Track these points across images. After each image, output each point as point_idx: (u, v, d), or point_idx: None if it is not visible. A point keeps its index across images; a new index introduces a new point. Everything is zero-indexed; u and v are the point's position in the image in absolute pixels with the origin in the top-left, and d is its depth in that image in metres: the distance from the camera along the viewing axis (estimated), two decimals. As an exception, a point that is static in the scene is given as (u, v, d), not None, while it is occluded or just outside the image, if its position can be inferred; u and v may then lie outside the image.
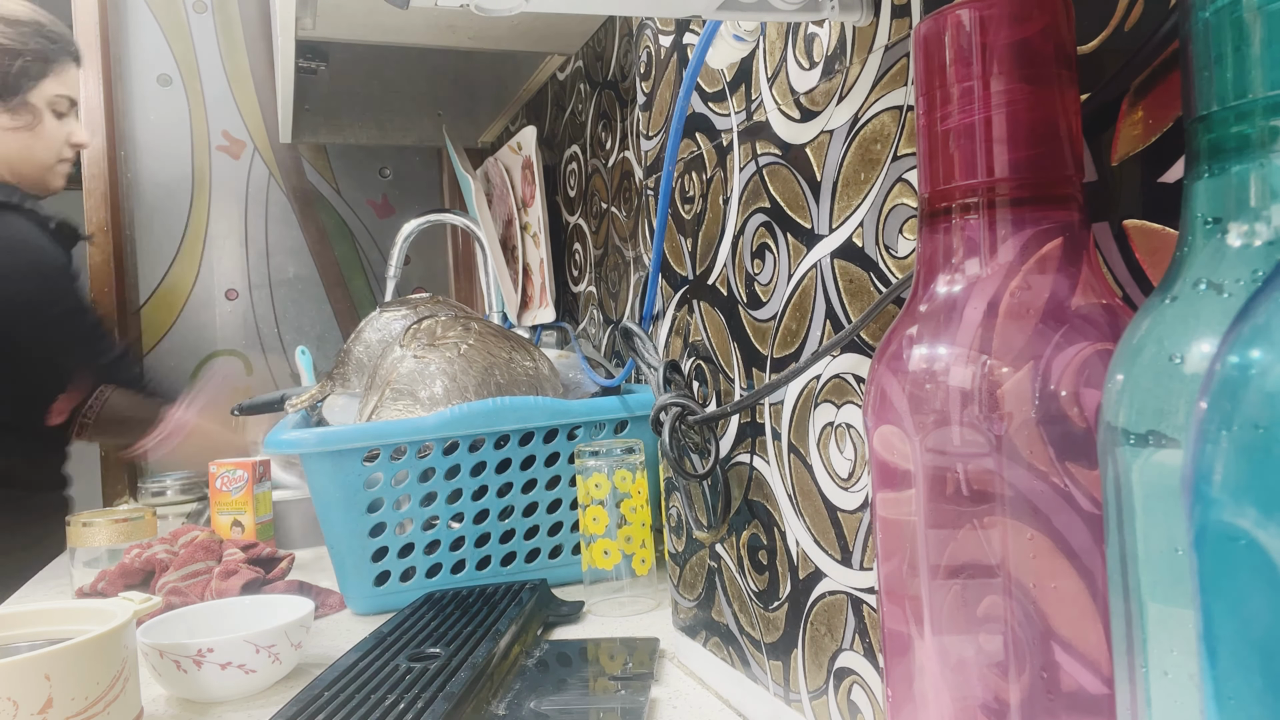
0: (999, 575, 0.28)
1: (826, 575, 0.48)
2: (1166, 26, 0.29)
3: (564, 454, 0.93)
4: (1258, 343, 0.18)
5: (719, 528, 0.60)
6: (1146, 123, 0.30)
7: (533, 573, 0.93)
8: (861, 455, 0.44)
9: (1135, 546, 0.23)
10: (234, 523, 1.15)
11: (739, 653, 0.58)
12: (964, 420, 0.28)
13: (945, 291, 0.30)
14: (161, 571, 0.95)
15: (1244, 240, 0.21)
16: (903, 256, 0.41)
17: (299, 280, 2.11)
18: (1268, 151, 0.21)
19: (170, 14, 2.03)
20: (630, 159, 1.18)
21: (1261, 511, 0.17)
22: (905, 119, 0.41)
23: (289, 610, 0.73)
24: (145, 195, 2.00)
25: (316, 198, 2.14)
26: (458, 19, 1.26)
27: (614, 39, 1.24)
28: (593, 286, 1.36)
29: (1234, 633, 0.18)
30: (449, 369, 0.93)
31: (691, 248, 0.63)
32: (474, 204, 1.57)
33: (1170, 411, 0.22)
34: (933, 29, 0.30)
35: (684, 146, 0.63)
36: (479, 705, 0.59)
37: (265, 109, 2.09)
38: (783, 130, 0.50)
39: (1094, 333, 0.27)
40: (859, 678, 0.45)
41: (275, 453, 0.87)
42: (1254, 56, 0.21)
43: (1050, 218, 0.29)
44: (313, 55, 1.50)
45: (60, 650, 0.54)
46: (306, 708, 0.57)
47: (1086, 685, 0.27)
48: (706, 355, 0.61)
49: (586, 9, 0.41)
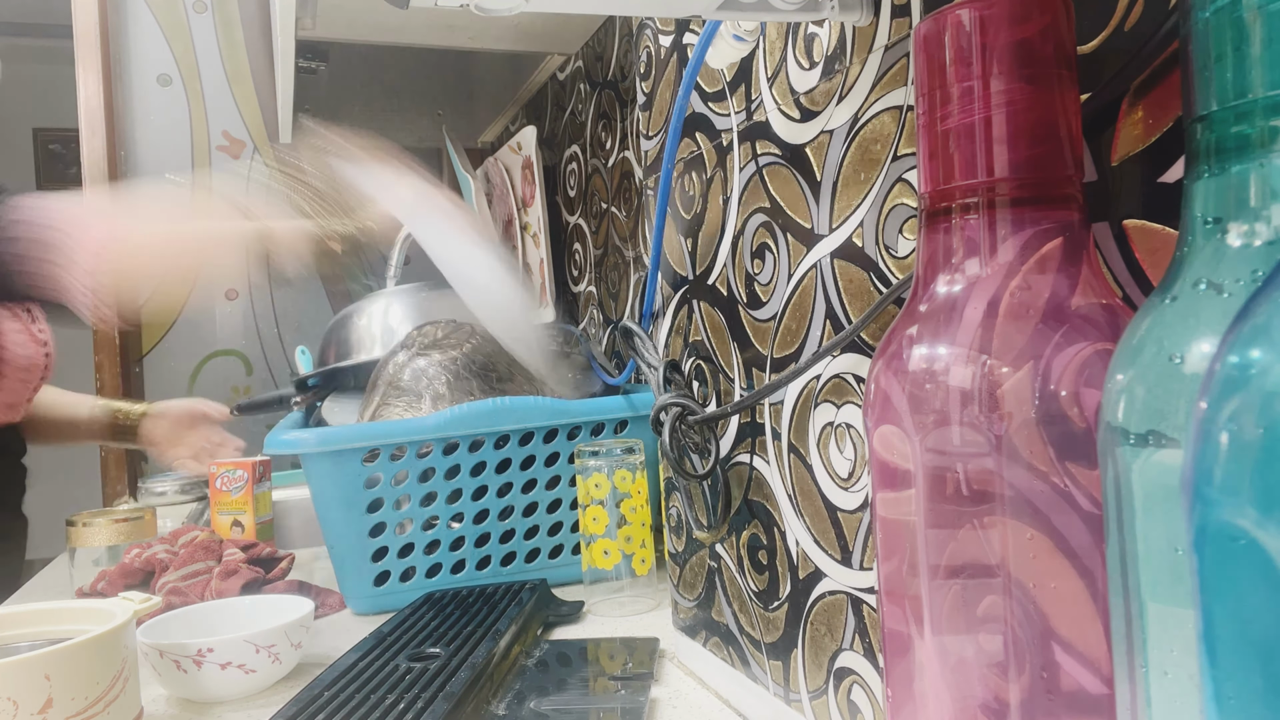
0: (999, 575, 0.28)
1: (826, 575, 0.48)
2: (1166, 26, 0.29)
3: (564, 454, 0.93)
4: (1258, 342, 0.18)
5: (719, 528, 0.60)
6: (1146, 123, 0.30)
7: (533, 573, 0.93)
8: (861, 455, 0.44)
9: (1135, 546, 0.23)
10: (234, 523, 1.15)
11: (739, 653, 0.58)
12: (964, 420, 0.28)
13: (945, 291, 0.30)
14: (161, 571, 0.95)
15: (1244, 240, 0.21)
16: (903, 256, 0.41)
17: (299, 280, 2.10)
18: (1268, 151, 0.21)
19: (170, 14, 2.03)
20: (630, 159, 1.19)
21: (1261, 511, 0.17)
22: (905, 119, 0.41)
23: (289, 610, 0.73)
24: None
25: (316, 197, 2.14)
26: (458, 19, 1.26)
27: (614, 39, 1.24)
28: (593, 286, 1.36)
29: (1234, 633, 0.18)
30: (451, 367, 0.93)
31: (691, 248, 0.63)
32: (474, 204, 1.57)
33: (1170, 411, 0.22)
34: (933, 29, 0.30)
35: (684, 146, 0.63)
36: (479, 705, 0.59)
37: (265, 109, 2.09)
38: (783, 130, 0.50)
39: (1094, 333, 0.27)
40: (859, 678, 0.45)
41: (275, 453, 0.87)
42: (1254, 56, 0.21)
43: (1050, 218, 0.29)
44: (313, 55, 1.50)
45: (60, 650, 0.54)
46: (306, 708, 0.57)
47: (1086, 685, 0.27)
48: (706, 355, 0.61)
49: (586, 9, 0.41)
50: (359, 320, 1.17)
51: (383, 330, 1.14)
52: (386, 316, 1.16)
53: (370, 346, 1.14)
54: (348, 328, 1.17)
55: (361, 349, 1.14)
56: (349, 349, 1.15)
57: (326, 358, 1.18)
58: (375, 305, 1.18)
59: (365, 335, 1.15)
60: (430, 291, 1.18)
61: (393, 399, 0.92)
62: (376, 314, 1.17)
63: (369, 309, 1.18)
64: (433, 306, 1.13)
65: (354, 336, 1.16)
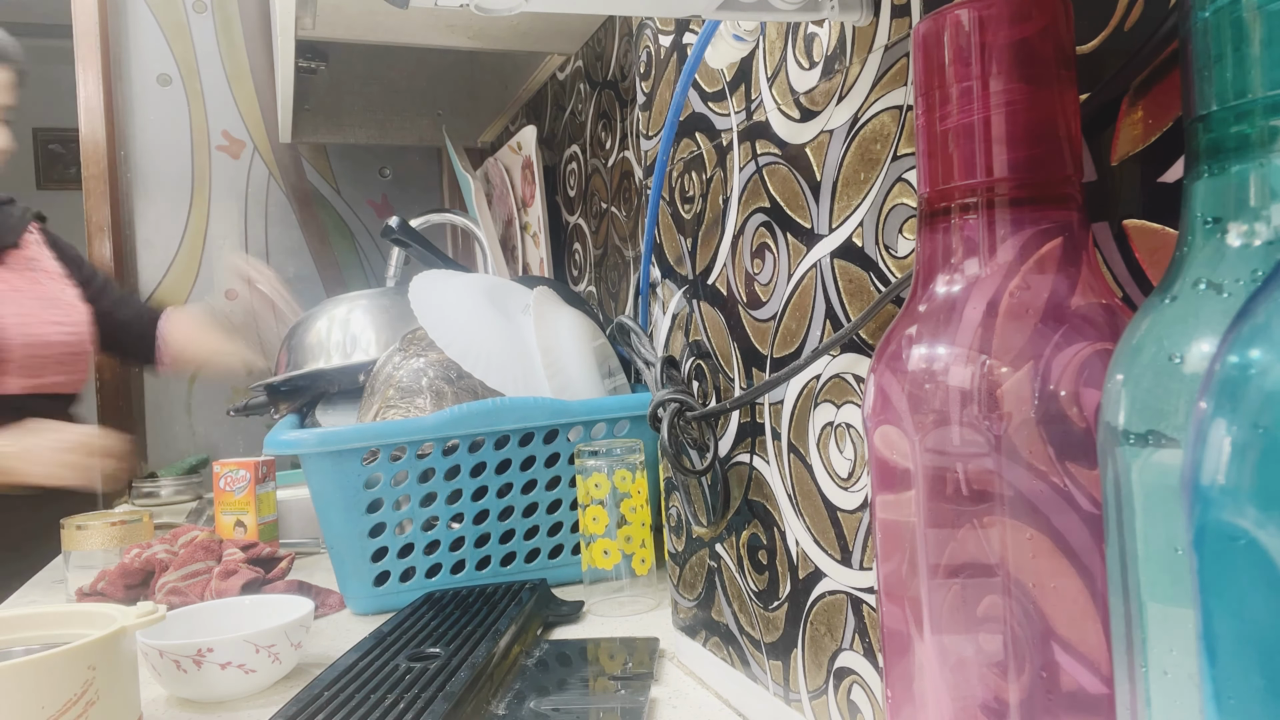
0: (998, 575, 0.28)
1: (826, 575, 0.48)
2: (1166, 26, 0.29)
3: (564, 454, 0.93)
4: (1257, 342, 0.18)
5: (718, 524, 0.60)
6: (1146, 123, 0.30)
7: (533, 573, 0.93)
8: (861, 455, 0.44)
9: (1135, 546, 0.23)
10: (236, 523, 1.15)
11: (739, 652, 0.58)
12: (963, 420, 0.28)
13: (945, 291, 0.30)
14: (161, 571, 0.95)
15: (1244, 240, 0.21)
16: (902, 256, 0.41)
17: (299, 280, 2.11)
18: (1267, 151, 0.21)
19: (170, 14, 2.03)
20: (630, 159, 1.19)
21: (1261, 511, 0.17)
22: (905, 119, 0.41)
23: (289, 610, 0.73)
24: (145, 195, 2.00)
25: (316, 198, 2.14)
26: (458, 19, 1.26)
27: (614, 39, 1.24)
28: (593, 286, 1.36)
29: (1234, 633, 0.18)
30: (453, 366, 0.93)
31: (691, 247, 0.63)
32: (474, 204, 1.57)
33: (1170, 411, 0.22)
34: (932, 29, 0.30)
35: (684, 146, 0.63)
36: (479, 705, 0.59)
37: (265, 109, 2.09)
38: (782, 130, 0.50)
39: (1093, 333, 0.27)
40: (859, 677, 0.45)
41: (275, 453, 0.87)
42: (1253, 56, 0.21)
43: (1049, 218, 0.29)
44: (313, 55, 1.51)
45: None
46: (306, 708, 0.57)
47: (1086, 685, 0.27)
48: (706, 354, 0.61)
49: (586, 9, 0.41)
50: (320, 324, 1.16)
51: (345, 336, 1.14)
52: (349, 323, 1.15)
53: (330, 353, 1.13)
54: (309, 332, 1.17)
55: (322, 355, 1.13)
56: (307, 355, 1.14)
57: (284, 363, 1.17)
58: (338, 309, 1.17)
59: (326, 340, 1.15)
60: (395, 297, 1.17)
61: (395, 400, 0.92)
62: (338, 318, 1.16)
63: (331, 312, 1.17)
64: (403, 311, 1.12)
65: (312, 340, 1.15)
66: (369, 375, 1.00)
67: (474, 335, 0.92)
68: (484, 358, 0.90)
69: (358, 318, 1.15)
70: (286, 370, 1.16)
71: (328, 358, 1.12)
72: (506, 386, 0.90)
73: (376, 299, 1.18)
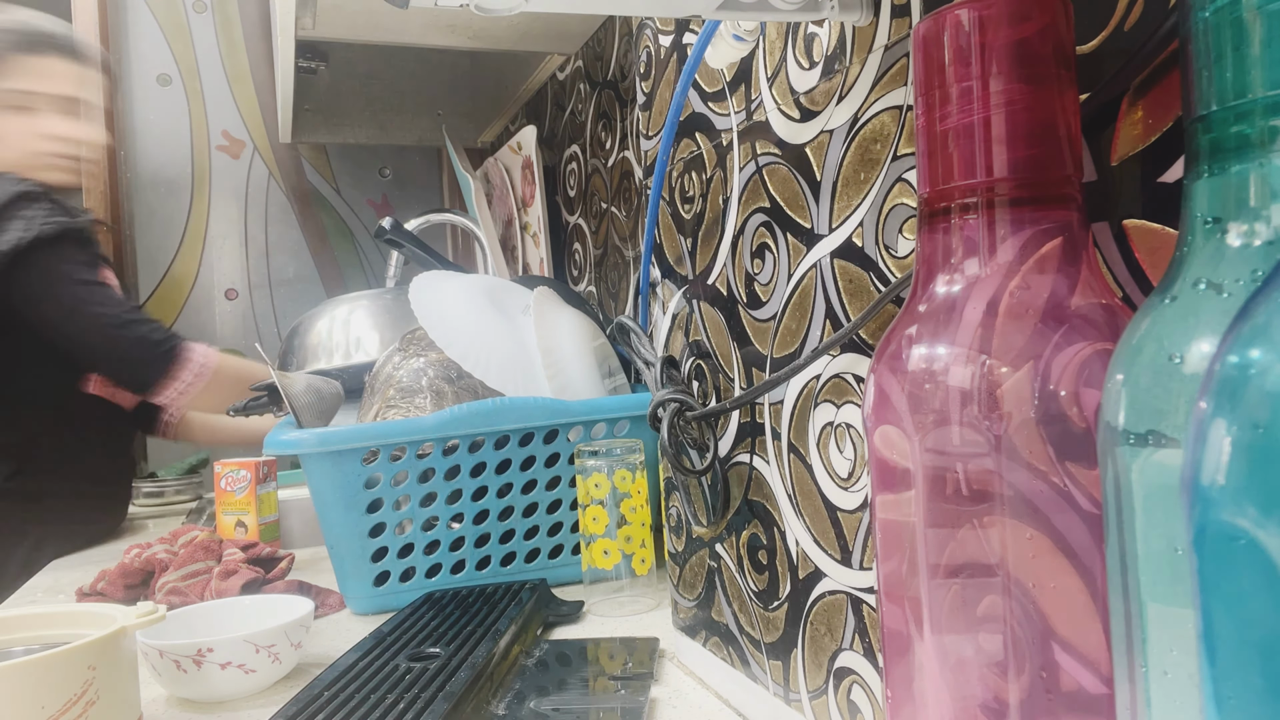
0: (998, 575, 0.28)
1: (826, 575, 0.48)
2: (1166, 26, 0.29)
3: (564, 454, 0.93)
4: (1257, 342, 0.18)
5: (718, 524, 0.60)
6: (1146, 123, 0.30)
7: (533, 573, 0.93)
8: (861, 455, 0.44)
9: (1135, 546, 0.23)
10: (237, 523, 1.16)
11: (739, 652, 0.58)
12: (963, 420, 0.28)
13: (944, 291, 0.30)
14: (161, 571, 0.95)
15: (1244, 240, 0.21)
16: (902, 256, 0.41)
17: (299, 280, 2.11)
18: (1267, 151, 0.21)
19: (170, 14, 2.03)
20: (630, 159, 1.19)
21: (1261, 511, 0.17)
22: (905, 119, 0.41)
23: (289, 610, 0.73)
24: (145, 195, 2.00)
25: (316, 197, 2.14)
26: (458, 19, 1.26)
27: (614, 39, 1.24)
28: (593, 286, 1.36)
29: (1234, 633, 0.18)
30: (453, 366, 0.93)
31: (691, 247, 0.63)
32: (474, 204, 1.57)
33: (1170, 411, 0.22)
34: (932, 29, 0.30)
35: (684, 146, 0.63)
36: (479, 705, 0.59)
37: (265, 109, 2.09)
38: (782, 130, 0.50)
39: (1093, 332, 0.27)
40: (859, 677, 0.45)
41: (275, 453, 0.87)
42: (1253, 56, 0.21)
43: (1049, 218, 0.29)
44: (313, 55, 1.50)
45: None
46: (306, 708, 0.57)
47: (1086, 685, 0.27)
48: (706, 354, 0.61)
49: (586, 9, 0.41)
50: (320, 325, 1.16)
51: (346, 336, 1.14)
52: (349, 324, 1.15)
53: (330, 353, 1.13)
54: (310, 332, 1.16)
55: (323, 355, 1.13)
56: (308, 355, 1.14)
57: (288, 363, 1.17)
58: (338, 310, 1.17)
59: (327, 340, 1.14)
60: (396, 297, 1.17)
61: (395, 400, 0.92)
62: (339, 318, 1.16)
63: (332, 313, 1.17)
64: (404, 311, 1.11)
65: (313, 341, 1.15)
66: (370, 375, 1.00)
67: (474, 335, 0.92)
68: (484, 358, 0.90)
69: (358, 318, 1.15)
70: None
71: (329, 358, 1.12)
72: (506, 386, 0.90)
73: (377, 299, 1.18)
